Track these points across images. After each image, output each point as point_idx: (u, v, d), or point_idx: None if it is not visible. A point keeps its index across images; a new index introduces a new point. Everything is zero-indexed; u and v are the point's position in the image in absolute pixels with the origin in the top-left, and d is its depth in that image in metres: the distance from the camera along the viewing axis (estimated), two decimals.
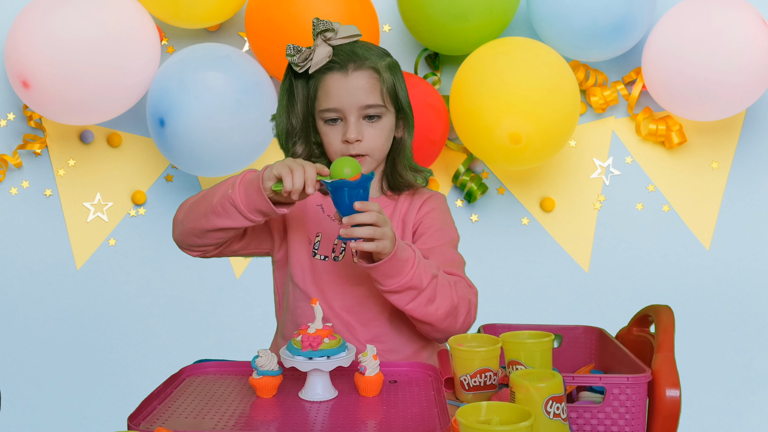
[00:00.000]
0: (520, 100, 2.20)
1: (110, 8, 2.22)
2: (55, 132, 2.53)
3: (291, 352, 1.20)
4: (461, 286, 1.41)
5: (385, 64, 1.45)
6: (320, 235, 1.49)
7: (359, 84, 1.42)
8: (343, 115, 1.43)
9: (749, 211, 2.57)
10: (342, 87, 1.42)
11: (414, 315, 1.37)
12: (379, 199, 1.53)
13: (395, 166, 1.52)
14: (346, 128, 1.42)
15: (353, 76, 1.42)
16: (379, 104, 1.43)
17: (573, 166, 2.57)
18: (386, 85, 1.44)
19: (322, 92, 1.43)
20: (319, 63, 1.42)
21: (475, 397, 1.27)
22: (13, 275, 2.56)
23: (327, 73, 1.43)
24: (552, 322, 1.81)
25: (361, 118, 1.43)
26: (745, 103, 2.34)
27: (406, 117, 1.50)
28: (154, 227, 2.56)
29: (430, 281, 1.34)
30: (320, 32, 1.42)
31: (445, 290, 1.37)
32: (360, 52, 1.43)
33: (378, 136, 1.45)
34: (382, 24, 2.51)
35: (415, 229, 1.50)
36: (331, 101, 1.42)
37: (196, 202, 1.41)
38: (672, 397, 1.28)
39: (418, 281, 1.33)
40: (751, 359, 2.58)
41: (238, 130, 2.24)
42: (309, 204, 1.51)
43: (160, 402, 1.20)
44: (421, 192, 1.55)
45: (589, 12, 2.26)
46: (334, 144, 1.44)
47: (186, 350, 2.44)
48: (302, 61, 1.42)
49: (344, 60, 1.42)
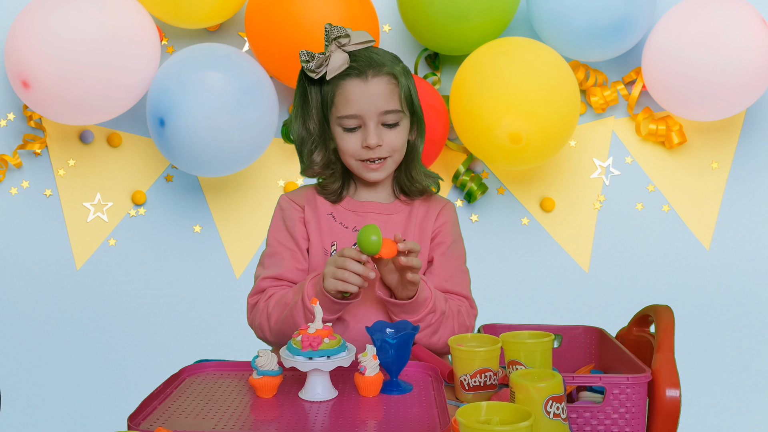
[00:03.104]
0: (520, 100, 2.20)
1: (110, 8, 2.22)
2: (55, 132, 2.53)
3: (291, 352, 1.20)
4: (463, 315, 1.48)
5: (400, 69, 1.47)
6: (335, 244, 1.49)
7: (379, 90, 1.43)
8: (363, 121, 1.44)
9: (749, 211, 2.57)
10: (362, 93, 1.42)
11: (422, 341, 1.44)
12: (393, 204, 1.53)
13: (409, 170, 1.53)
14: (366, 134, 1.43)
15: (372, 82, 1.42)
16: (397, 110, 1.45)
17: (573, 166, 2.57)
18: (403, 91, 1.46)
19: (340, 98, 1.44)
20: (337, 69, 1.42)
21: (475, 397, 1.27)
22: (13, 275, 2.56)
23: (345, 80, 1.43)
24: (552, 322, 1.81)
25: (380, 123, 1.44)
26: (745, 103, 2.34)
27: (420, 121, 1.52)
28: (154, 227, 2.56)
29: (438, 317, 1.42)
30: (335, 38, 1.42)
31: (449, 323, 1.45)
32: (377, 58, 1.44)
33: (397, 139, 1.46)
34: (382, 24, 2.51)
35: (434, 237, 1.53)
36: (351, 107, 1.43)
37: (281, 331, 1.44)
38: (672, 397, 1.28)
39: (430, 319, 1.41)
40: (751, 359, 2.58)
41: (238, 130, 2.23)
42: (321, 214, 1.51)
43: (160, 402, 1.20)
44: (436, 199, 1.57)
45: (589, 12, 2.26)
46: (352, 149, 1.45)
47: (186, 350, 2.44)
48: (318, 67, 1.42)
49: (363, 66, 1.42)
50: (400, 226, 1.51)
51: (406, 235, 1.51)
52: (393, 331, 1.27)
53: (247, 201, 2.56)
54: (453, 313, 1.45)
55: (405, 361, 1.26)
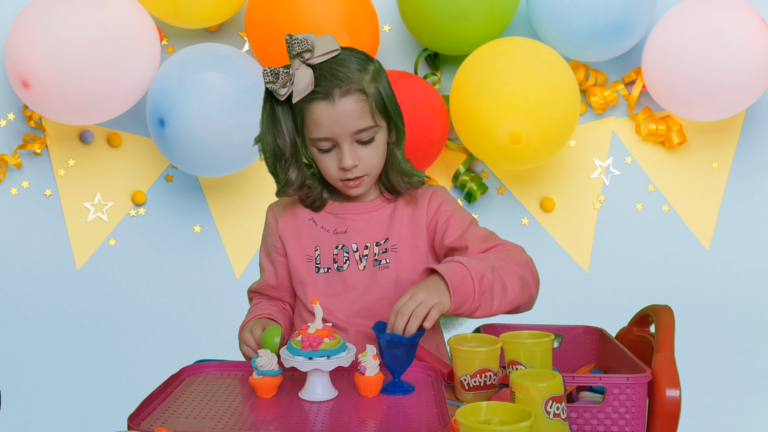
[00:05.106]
0: (520, 100, 2.20)
1: (110, 8, 2.22)
2: (55, 132, 2.53)
3: (291, 352, 1.20)
4: (511, 254, 1.39)
5: (369, 77, 1.39)
6: (319, 249, 1.48)
7: (347, 110, 1.36)
8: (336, 142, 1.39)
9: (749, 211, 2.57)
10: (331, 116, 1.36)
11: (503, 311, 1.34)
12: (374, 201, 1.51)
13: (388, 175, 1.48)
14: (341, 155, 1.39)
15: (340, 102, 1.36)
16: (370, 126, 1.39)
17: (573, 166, 2.57)
18: (375, 103, 1.39)
19: (310, 121, 1.38)
20: (302, 92, 1.36)
21: (475, 397, 1.27)
22: (13, 275, 2.56)
23: (312, 102, 1.37)
24: (552, 322, 1.81)
25: (354, 142, 1.40)
26: (745, 103, 2.34)
27: (396, 126, 1.46)
28: (154, 227, 2.56)
29: (492, 274, 1.31)
30: (297, 54, 1.36)
31: (507, 270, 1.34)
32: (342, 74, 1.36)
33: (373, 156, 1.42)
34: (382, 24, 2.51)
35: (435, 227, 1.47)
36: (322, 131, 1.38)
37: None
38: (672, 397, 1.28)
39: (486, 283, 1.30)
40: (751, 359, 2.58)
41: (238, 130, 2.23)
42: (301, 220, 1.50)
43: (160, 402, 1.20)
44: (423, 191, 1.51)
45: (589, 12, 2.26)
46: (330, 170, 1.42)
47: (186, 350, 2.44)
48: (282, 87, 1.36)
49: (328, 87, 1.35)
50: (383, 223, 1.48)
51: (391, 231, 1.46)
52: None
53: (247, 201, 2.56)
54: (503, 259, 1.36)
55: (411, 362, 1.26)
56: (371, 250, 1.45)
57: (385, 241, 1.46)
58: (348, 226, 1.48)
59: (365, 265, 1.45)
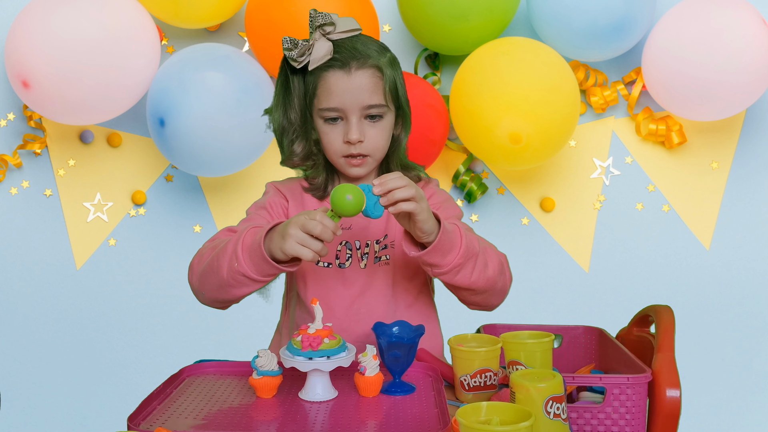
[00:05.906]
0: (520, 100, 2.20)
1: (110, 8, 2.22)
2: (55, 132, 2.53)
3: (291, 352, 1.20)
4: (491, 247, 1.38)
5: (387, 60, 1.40)
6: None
7: (362, 83, 1.37)
8: (345, 114, 1.38)
9: (749, 211, 2.57)
10: (344, 86, 1.36)
11: (479, 285, 1.32)
12: None
13: (388, 165, 1.48)
14: (348, 128, 1.38)
15: (356, 74, 1.36)
16: (381, 104, 1.39)
17: (573, 166, 2.57)
18: (388, 84, 1.39)
19: (322, 90, 1.38)
20: (320, 60, 1.36)
21: (475, 397, 1.27)
22: (13, 275, 2.56)
23: (328, 71, 1.37)
24: (552, 322, 1.81)
25: (363, 117, 1.39)
26: (745, 103, 2.34)
27: (404, 115, 1.46)
28: (154, 227, 2.56)
29: (479, 246, 1.31)
30: (319, 26, 1.36)
31: (489, 253, 1.34)
32: (362, 49, 1.37)
33: (379, 137, 1.41)
34: (382, 24, 2.51)
35: None
36: (333, 100, 1.37)
37: (205, 273, 1.36)
38: (672, 397, 1.28)
39: (473, 245, 1.29)
40: (751, 359, 2.58)
41: (238, 130, 2.24)
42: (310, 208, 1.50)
43: (160, 402, 1.20)
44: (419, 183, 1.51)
45: (589, 12, 2.26)
46: (334, 144, 1.40)
47: (186, 350, 2.44)
48: (300, 56, 1.36)
49: (346, 57, 1.36)
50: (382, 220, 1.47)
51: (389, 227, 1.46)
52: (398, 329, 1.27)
53: (247, 201, 2.53)
54: (486, 245, 1.36)
55: (411, 362, 1.26)
56: (372, 248, 1.45)
57: (384, 238, 1.46)
58: (352, 222, 1.47)
59: (366, 263, 1.45)
